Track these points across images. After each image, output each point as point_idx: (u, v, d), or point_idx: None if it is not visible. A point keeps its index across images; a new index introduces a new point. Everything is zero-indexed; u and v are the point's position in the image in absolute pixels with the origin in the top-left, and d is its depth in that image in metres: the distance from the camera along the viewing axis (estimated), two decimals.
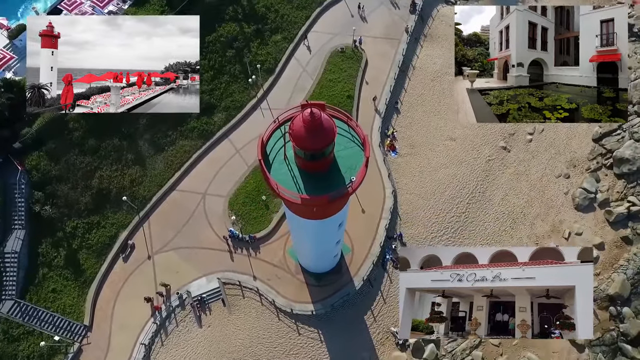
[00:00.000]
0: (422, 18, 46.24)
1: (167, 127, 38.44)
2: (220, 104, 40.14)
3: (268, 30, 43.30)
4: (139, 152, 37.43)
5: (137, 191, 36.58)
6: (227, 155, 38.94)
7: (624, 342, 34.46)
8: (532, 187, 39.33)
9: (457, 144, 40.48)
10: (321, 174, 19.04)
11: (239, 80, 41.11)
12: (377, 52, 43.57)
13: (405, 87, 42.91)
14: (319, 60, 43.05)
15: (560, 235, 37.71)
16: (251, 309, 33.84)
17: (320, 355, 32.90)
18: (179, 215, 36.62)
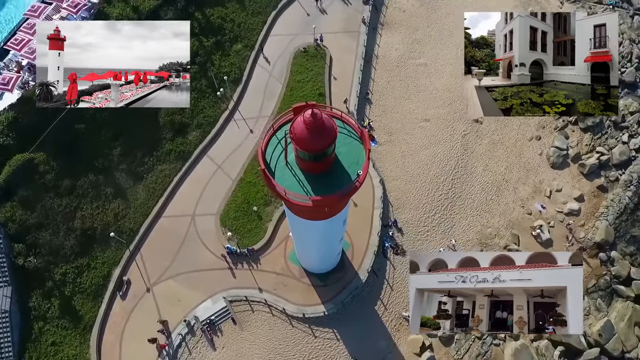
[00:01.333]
0: (376, 7, 46.91)
1: (142, 153, 37.24)
2: (192, 122, 39.26)
3: (227, 40, 42.68)
4: (118, 185, 36.08)
5: (123, 225, 35.25)
6: (209, 173, 38.18)
7: (617, 283, 36.60)
8: (509, 154, 40.89)
9: (432, 124, 41.45)
10: (325, 174, 19.08)
11: (207, 95, 40.35)
12: (340, 46, 43.86)
13: (373, 77, 43.47)
14: (283, 63, 42.88)
15: (542, 195, 39.46)
16: (263, 321, 33.42)
17: (339, 354, 32.96)
18: (170, 241, 35.61)
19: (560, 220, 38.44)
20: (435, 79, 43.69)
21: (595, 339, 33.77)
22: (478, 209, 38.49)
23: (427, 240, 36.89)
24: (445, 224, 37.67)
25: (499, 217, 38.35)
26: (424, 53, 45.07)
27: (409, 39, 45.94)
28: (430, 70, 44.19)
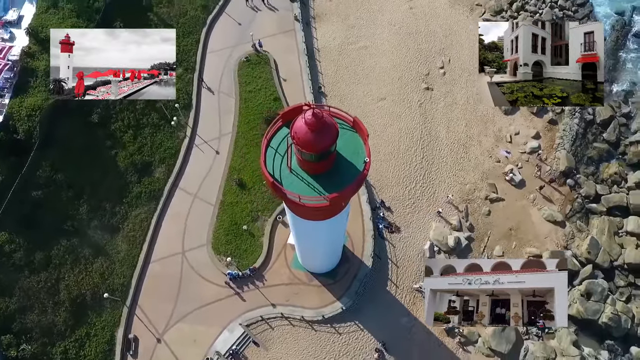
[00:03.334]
0: (304, 3, 47.17)
1: (112, 204, 35.20)
2: (154, 158, 37.60)
3: None
4: (95, 243, 33.88)
5: (113, 282, 33.21)
6: (186, 205, 36.82)
7: (588, 203, 39.73)
8: (464, 112, 42.94)
9: (389, 101, 42.57)
10: (330, 171, 19.12)
11: (162, 127, 38.77)
12: (280, 48, 43.72)
13: (320, 70, 43.80)
14: (229, 77, 42.08)
15: (504, 141, 41.89)
16: (285, 335, 32.96)
17: (367, 343, 33.29)
18: (167, 285, 34.04)
19: (525, 160, 41.05)
20: (378, 58, 44.82)
21: (586, 257, 36.57)
22: (452, 170, 40.18)
23: (416, 212, 38.02)
24: (427, 191, 38.98)
25: (473, 172, 40.27)
26: (362, 36, 46.05)
27: (344, 26, 46.70)
28: (371, 51, 45.25)
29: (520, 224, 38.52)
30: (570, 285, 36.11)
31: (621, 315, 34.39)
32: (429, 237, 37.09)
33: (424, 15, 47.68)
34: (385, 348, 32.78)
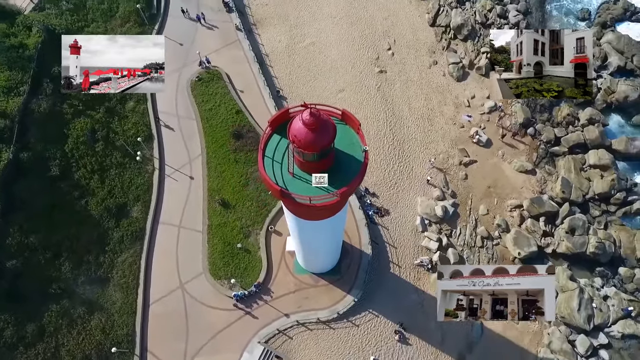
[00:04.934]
0: (241, 11, 46.66)
1: (94, 255, 33.42)
2: (127, 198, 35.97)
3: (116, 103, 39.39)
4: (87, 300, 32.03)
5: (116, 335, 31.55)
6: (173, 238, 35.55)
7: (551, 147, 42.33)
8: (421, 86, 44.33)
9: (348, 91, 43.13)
10: (332, 167, 19.18)
11: (128, 165, 37.13)
12: (229, 60, 43.04)
13: (274, 74, 43.58)
14: (185, 99, 40.93)
15: (463, 107, 43.68)
16: (305, 341, 32.76)
17: (385, 327, 33.78)
18: (173, 323, 32.80)
19: (487, 120, 43.06)
20: (328, 52, 45.23)
21: (562, 197, 38.99)
22: (423, 143, 41.41)
23: (400, 191, 38.89)
24: (405, 170, 39.97)
25: (442, 142, 41.73)
26: (306, 34, 46.25)
27: (286, 27, 46.69)
28: (319, 46, 45.57)
29: (496, 181, 40.43)
30: (554, 226, 38.51)
31: (604, 242, 37.01)
32: (418, 212, 38.09)
33: (360, 2, 48.58)
34: (403, 328, 33.41)
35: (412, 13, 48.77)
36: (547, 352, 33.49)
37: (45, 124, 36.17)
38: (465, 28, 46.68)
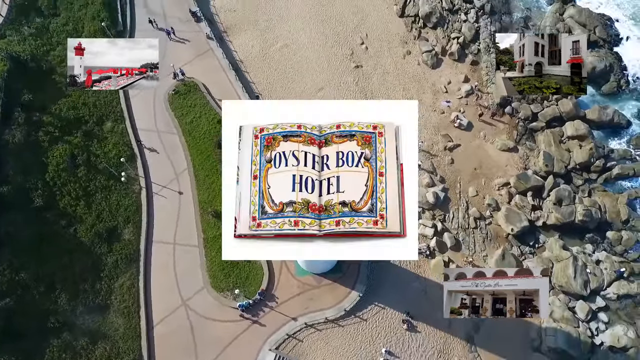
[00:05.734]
0: (210, 20, 46.17)
1: (90, 283, 32.50)
2: (117, 221, 35.11)
3: (94, 125, 38.44)
4: (88, 330, 31.14)
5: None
6: (169, 255, 34.88)
7: (529, 123, 43.50)
8: (398, 77, 44.85)
9: (328, 89, 43.27)
10: None
11: (114, 186, 36.25)
12: (204, 70, 42.53)
13: (251, 80, 43.33)
14: (163, 114, 40.25)
15: (441, 93, 44.44)
16: (316, 342, 32.68)
17: (393, 317, 34.04)
18: (180, 342, 32.17)
19: (465, 103, 43.91)
20: (302, 52, 45.24)
21: (545, 170, 40.15)
22: None
23: None
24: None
25: (425, 129, 42.32)
26: (278, 36, 46.13)
27: (257, 31, 46.47)
28: (293, 47, 45.53)
29: (481, 162, 41.30)
30: (541, 199, 39.62)
31: (591, 209, 38.31)
32: None
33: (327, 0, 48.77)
34: (410, 316, 33.74)
35: (380, 6, 49.25)
36: (550, 322, 34.42)
37: (22, 154, 34.99)
38: (434, 16, 47.43)
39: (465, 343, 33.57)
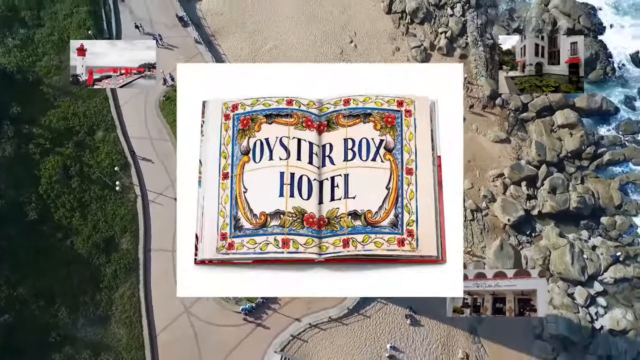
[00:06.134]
0: (197, 25, 45.89)
1: (90, 295, 32.13)
2: (114, 231, 34.75)
3: (85, 135, 37.96)
4: (90, 342, 30.80)
5: None
6: (169, 263, 34.41)
7: (520, 114, 44.04)
8: None
9: None
10: None
11: (109, 195, 35.86)
12: None
13: None
14: (155, 121, 39.89)
15: None
16: (321, 342, 32.70)
17: (396, 312, 34.18)
18: (184, 349, 31.96)
19: None
20: (292, 53, 45.19)
21: (538, 160, 40.67)
22: None
23: None
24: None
25: None
26: (267, 38, 46.04)
27: (245, 34, 46.32)
28: (282, 48, 45.48)
29: (475, 154, 41.66)
30: (536, 188, 40.10)
31: (584, 195, 38.91)
32: None
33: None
34: (413, 311, 33.93)
35: (367, 4, 49.40)
36: (550, 309, 34.85)
37: (13, 168, 34.45)
38: (421, 11, 47.73)
39: (468, 334, 33.87)
